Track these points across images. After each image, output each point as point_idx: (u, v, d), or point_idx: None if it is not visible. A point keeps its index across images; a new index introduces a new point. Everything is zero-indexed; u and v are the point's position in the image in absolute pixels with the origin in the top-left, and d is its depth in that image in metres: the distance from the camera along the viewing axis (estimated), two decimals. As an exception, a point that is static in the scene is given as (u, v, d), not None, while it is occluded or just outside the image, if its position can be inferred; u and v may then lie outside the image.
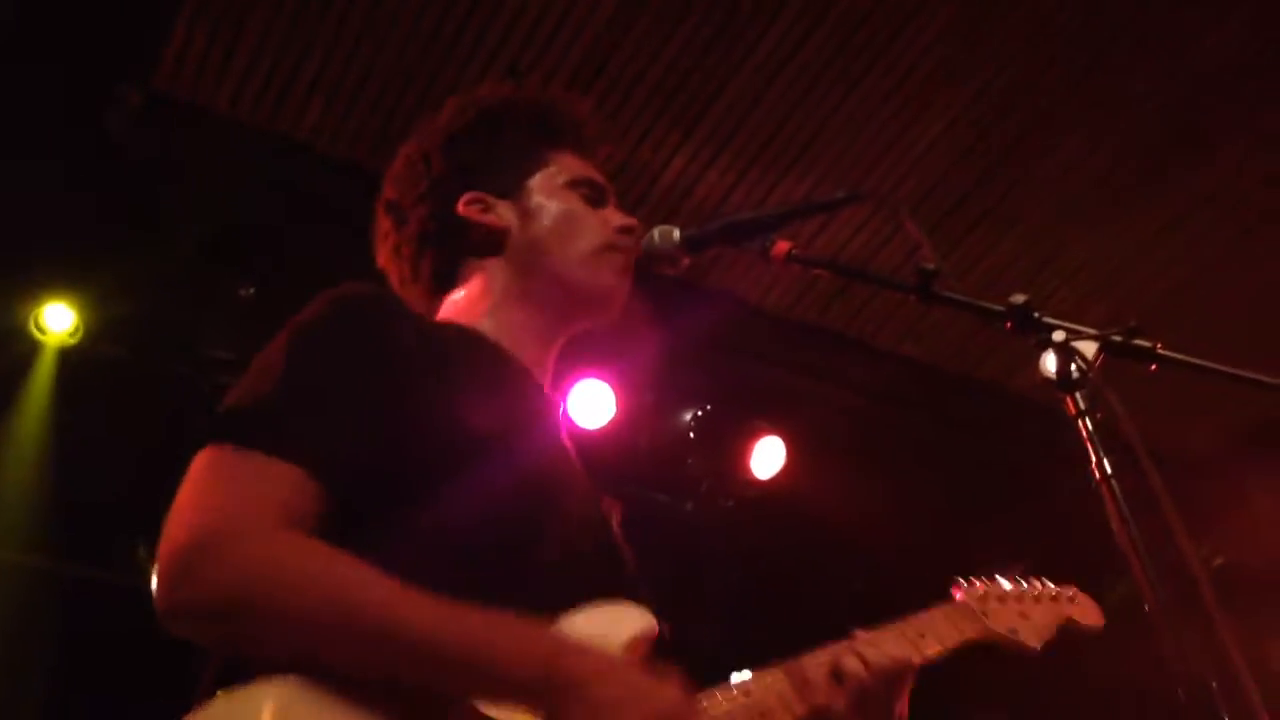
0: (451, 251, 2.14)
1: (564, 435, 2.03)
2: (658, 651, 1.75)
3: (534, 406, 1.98)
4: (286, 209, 4.96)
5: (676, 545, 6.25)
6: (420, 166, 2.19)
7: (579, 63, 4.87)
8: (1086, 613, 2.47)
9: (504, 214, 2.13)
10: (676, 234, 2.13)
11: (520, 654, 1.51)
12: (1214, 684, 1.50)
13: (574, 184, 2.17)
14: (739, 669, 2.03)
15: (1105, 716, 7.37)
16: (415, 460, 1.67)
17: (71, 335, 4.85)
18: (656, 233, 2.14)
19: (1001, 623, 2.28)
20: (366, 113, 4.89)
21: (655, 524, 6.19)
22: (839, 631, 2.07)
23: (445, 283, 2.14)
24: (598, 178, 2.22)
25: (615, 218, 2.17)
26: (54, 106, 4.48)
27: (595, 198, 2.18)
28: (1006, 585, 2.37)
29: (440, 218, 2.13)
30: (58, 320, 4.81)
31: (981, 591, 2.32)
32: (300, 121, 4.91)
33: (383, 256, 2.23)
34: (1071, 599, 2.46)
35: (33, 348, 4.85)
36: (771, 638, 2.08)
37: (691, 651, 1.86)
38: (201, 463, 1.59)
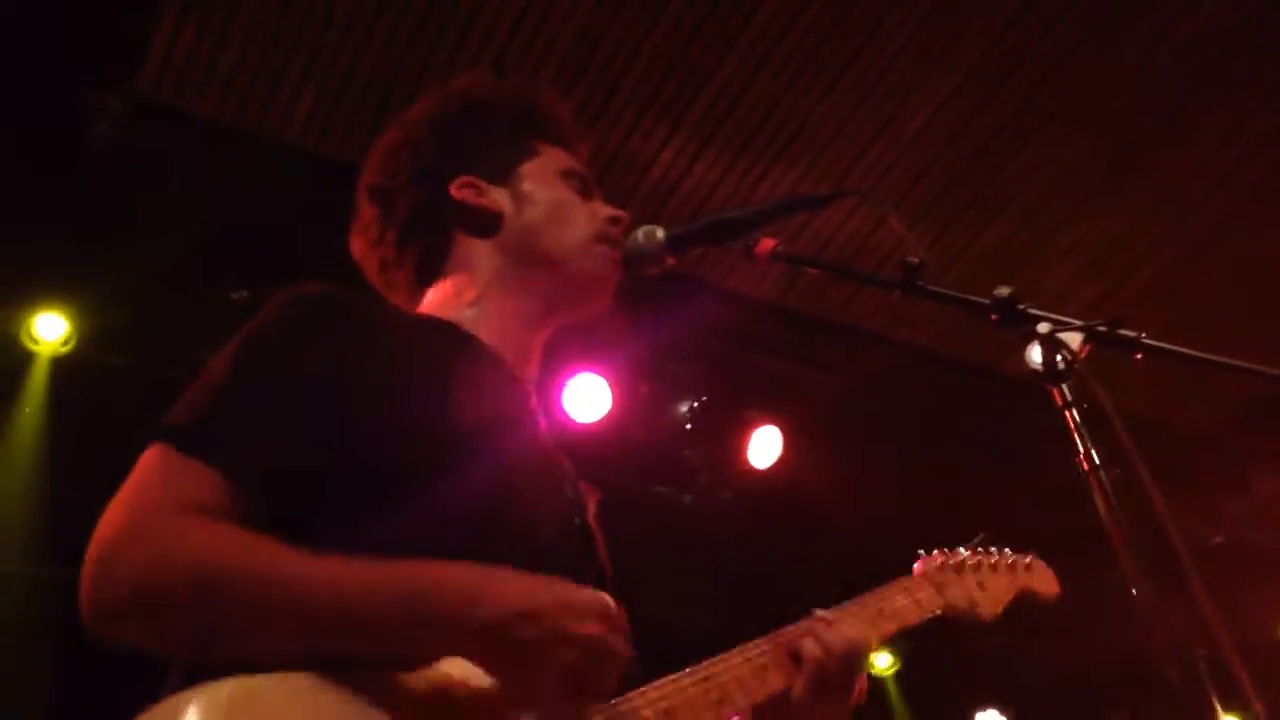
0: (442, 236, 2.12)
1: (542, 427, 2.00)
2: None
3: (509, 400, 1.95)
4: (278, 210, 4.94)
5: (676, 537, 6.26)
6: (407, 153, 2.17)
7: (564, 57, 4.86)
8: (1043, 581, 2.47)
9: (497, 198, 2.12)
10: (660, 234, 2.11)
11: (436, 604, 1.49)
12: (1201, 664, 1.50)
13: (565, 174, 2.18)
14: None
15: (1102, 692, 7.40)
16: (371, 462, 1.65)
17: (64, 344, 4.84)
18: (641, 233, 2.12)
19: (959, 595, 2.29)
20: (355, 111, 4.88)
21: (654, 517, 6.19)
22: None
23: (431, 271, 2.12)
24: (584, 171, 2.22)
25: (604, 209, 2.17)
26: (40, 113, 4.47)
27: (584, 189, 2.18)
28: (965, 554, 2.38)
29: (432, 202, 2.11)
30: (50, 330, 4.81)
31: (939, 563, 2.33)
32: (288, 122, 4.90)
33: (361, 247, 2.20)
34: (1028, 567, 2.47)
35: (26, 358, 4.84)
36: (772, 627, 2.08)
37: (691, 642, 1.86)
38: (135, 469, 1.60)
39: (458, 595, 1.50)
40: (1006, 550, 2.46)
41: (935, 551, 2.36)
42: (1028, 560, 2.48)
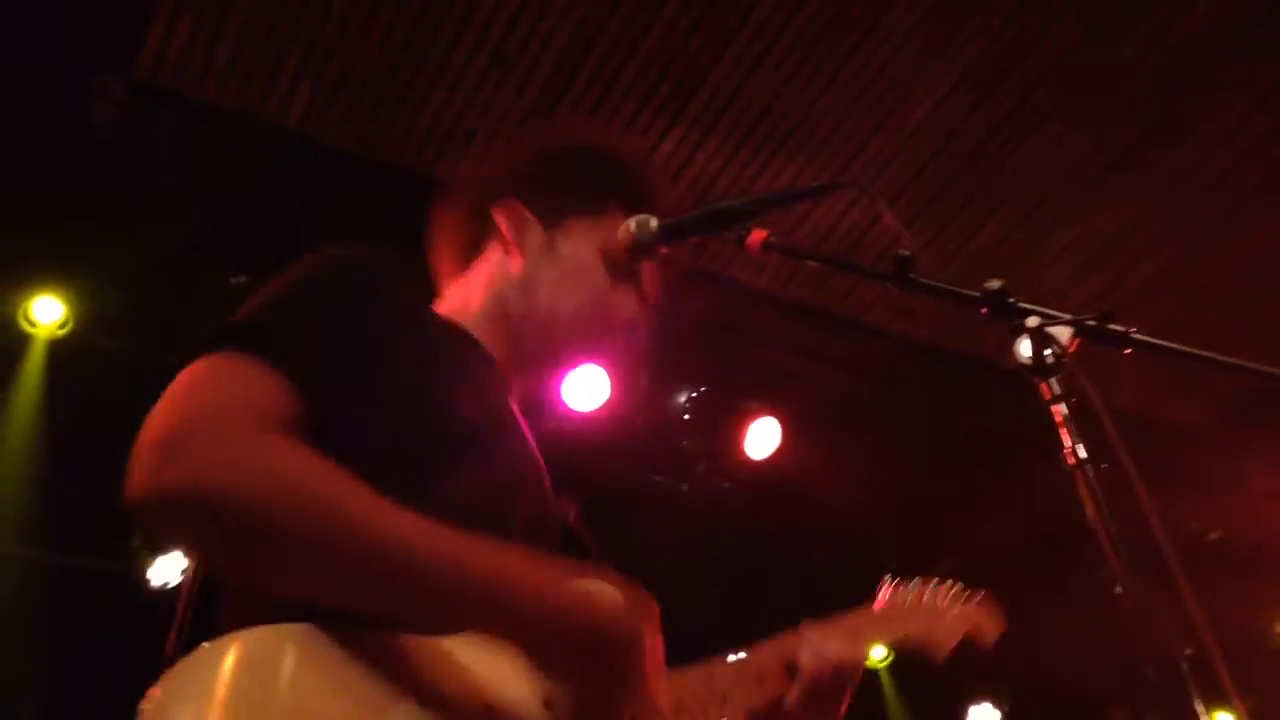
0: (477, 244, 2.13)
1: (528, 434, 2.00)
2: None
3: (504, 406, 1.96)
4: (276, 197, 4.95)
5: (673, 527, 6.28)
6: (491, 160, 2.22)
7: (560, 53, 4.86)
8: (989, 622, 2.55)
9: (531, 236, 2.07)
10: (653, 223, 2.07)
11: (531, 592, 1.47)
12: (1184, 662, 1.51)
13: (610, 251, 2.09)
14: (735, 649, 2.07)
15: (1097, 689, 7.40)
16: (382, 430, 1.62)
17: (61, 327, 4.86)
18: (633, 222, 2.07)
19: (917, 628, 2.38)
20: (354, 99, 4.89)
21: (651, 506, 6.21)
22: (835, 610, 2.12)
23: (460, 263, 2.15)
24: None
25: (629, 305, 2.10)
26: (40, 99, 4.48)
27: (619, 272, 2.09)
28: (922, 591, 2.47)
29: (478, 208, 2.13)
30: (47, 312, 4.83)
31: (902, 595, 2.43)
32: (287, 109, 4.90)
33: (427, 235, 2.23)
34: (978, 608, 2.54)
35: (22, 340, 4.86)
36: (768, 617, 2.11)
37: (689, 632, 1.88)
38: (186, 372, 1.53)
39: (549, 582, 1.50)
40: (958, 590, 2.53)
41: (896, 584, 2.45)
42: (977, 600, 2.56)
